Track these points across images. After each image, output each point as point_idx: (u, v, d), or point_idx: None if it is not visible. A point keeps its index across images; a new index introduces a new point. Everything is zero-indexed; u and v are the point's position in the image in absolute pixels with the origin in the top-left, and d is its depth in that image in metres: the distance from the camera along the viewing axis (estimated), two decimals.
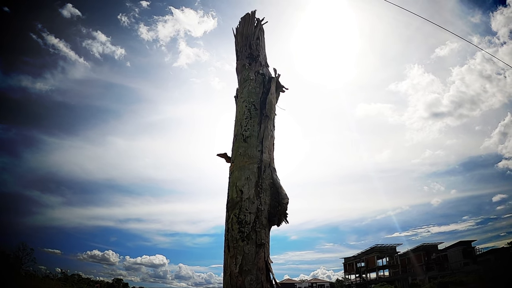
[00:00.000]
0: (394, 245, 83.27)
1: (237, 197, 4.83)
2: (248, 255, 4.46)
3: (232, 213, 4.79)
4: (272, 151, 5.45)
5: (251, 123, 5.43)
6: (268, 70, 6.40)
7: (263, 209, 4.77)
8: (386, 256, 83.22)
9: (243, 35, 6.77)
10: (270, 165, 5.21)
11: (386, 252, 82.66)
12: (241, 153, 5.21)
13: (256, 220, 4.66)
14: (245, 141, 5.28)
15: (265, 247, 4.64)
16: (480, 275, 43.74)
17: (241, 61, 6.46)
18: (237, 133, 5.52)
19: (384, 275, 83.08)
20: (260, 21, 7.00)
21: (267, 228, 4.79)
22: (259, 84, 5.95)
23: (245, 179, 4.93)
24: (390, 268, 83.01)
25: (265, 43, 6.91)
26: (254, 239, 4.56)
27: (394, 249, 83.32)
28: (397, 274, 77.93)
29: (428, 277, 66.41)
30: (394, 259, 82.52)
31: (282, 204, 4.90)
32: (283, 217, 4.96)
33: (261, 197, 4.83)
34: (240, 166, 5.09)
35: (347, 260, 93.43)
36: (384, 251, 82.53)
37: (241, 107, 5.72)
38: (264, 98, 5.76)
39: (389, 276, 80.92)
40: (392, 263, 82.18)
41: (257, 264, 4.46)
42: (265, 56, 6.71)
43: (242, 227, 4.60)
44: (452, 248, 76.86)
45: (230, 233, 4.70)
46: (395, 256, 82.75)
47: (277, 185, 5.05)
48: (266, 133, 5.41)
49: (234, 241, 4.58)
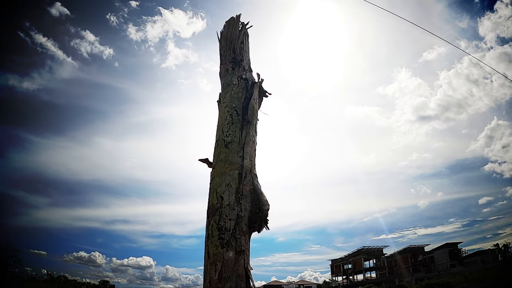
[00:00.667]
0: (381, 247, 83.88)
1: (218, 203, 4.79)
2: (228, 262, 4.43)
3: (212, 220, 4.75)
4: (253, 157, 5.42)
5: (233, 128, 5.39)
6: (252, 75, 6.36)
7: (243, 215, 4.74)
8: (373, 258, 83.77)
9: (227, 39, 6.73)
10: (251, 171, 5.18)
11: (373, 254, 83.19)
12: (222, 159, 5.17)
13: (236, 227, 4.62)
14: (226, 147, 5.24)
15: (245, 254, 4.61)
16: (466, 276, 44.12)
17: (224, 66, 6.42)
18: (218, 138, 5.48)
19: (371, 277, 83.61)
20: (245, 25, 6.97)
21: (247, 234, 4.76)
22: (242, 89, 5.92)
23: (226, 185, 4.89)
24: (377, 270, 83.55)
25: (249, 48, 6.88)
26: (234, 246, 4.52)
27: (381, 251, 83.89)
28: (384, 276, 78.48)
29: (415, 279, 66.95)
30: (381, 261, 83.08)
31: (262, 210, 4.88)
32: (263, 224, 4.93)
33: (241, 203, 4.79)
34: (221, 172, 5.05)
35: (334, 262, 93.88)
36: (371, 253, 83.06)
37: (223, 112, 5.68)
38: (247, 104, 5.72)
39: (376, 278, 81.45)
40: (379, 265, 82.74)
41: (236, 271, 4.43)
42: (249, 60, 6.67)
43: (222, 233, 4.56)
44: (439, 250, 77.65)
45: (210, 239, 4.65)
46: (382, 258, 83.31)
47: (258, 191, 5.02)
48: (247, 139, 5.38)
49: (214, 248, 4.54)
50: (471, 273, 48.99)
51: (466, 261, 72.00)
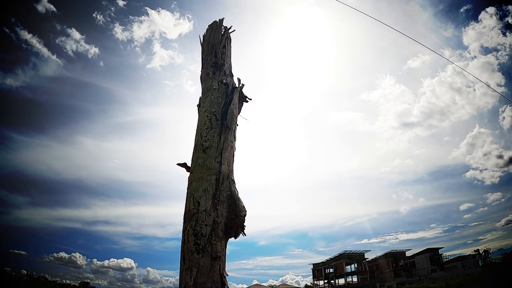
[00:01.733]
0: (362, 252, 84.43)
1: (194, 209, 4.76)
2: (203, 268, 4.40)
3: (188, 225, 4.71)
4: (231, 163, 5.40)
5: (211, 133, 5.37)
6: (232, 79, 6.35)
7: (219, 221, 4.72)
8: (354, 263, 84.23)
9: (209, 43, 6.71)
10: (228, 176, 5.16)
11: (355, 258, 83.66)
12: (199, 163, 5.15)
13: (212, 233, 4.60)
14: (204, 152, 5.21)
15: (220, 260, 4.59)
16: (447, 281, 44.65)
17: (205, 70, 6.39)
18: (197, 143, 5.44)
19: (353, 281, 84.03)
20: (228, 29, 6.97)
21: (223, 240, 4.74)
22: (222, 94, 5.90)
23: (203, 191, 4.86)
24: (358, 274, 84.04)
25: (231, 52, 6.88)
26: (209, 251, 4.50)
27: (362, 255, 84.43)
28: (365, 280, 78.99)
29: (396, 283, 67.52)
30: (362, 265, 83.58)
31: (239, 216, 4.86)
32: (240, 230, 4.93)
33: (218, 209, 4.77)
34: (198, 177, 5.02)
35: (316, 266, 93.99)
36: (352, 257, 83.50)
37: (202, 116, 5.65)
38: (226, 109, 5.71)
39: (357, 282, 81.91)
40: (360, 269, 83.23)
41: (212, 277, 4.41)
42: (230, 65, 6.66)
43: (198, 239, 4.54)
44: (420, 255, 78.54)
45: (186, 245, 4.62)
46: (363, 262, 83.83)
47: (235, 197, 5.00)
48: (226, 144, 5.36)
49: (190, 253, 4.51)
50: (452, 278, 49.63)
51: (447, 266, 72.94)
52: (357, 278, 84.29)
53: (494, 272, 39.66)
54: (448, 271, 67.50)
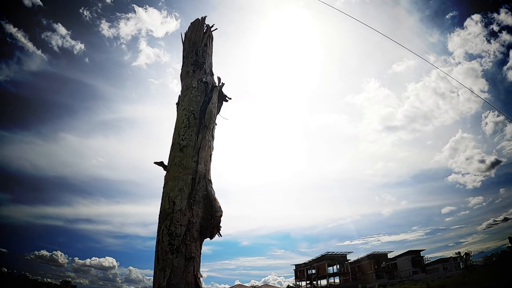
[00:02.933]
0: (344, 253, 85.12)
1: (169, 208, 4.68)
2: (177, 269, 4.33)
3: (163, 225, 4.63)
4: (208, 162, 5.33)
5: (189, 132, 5.29)
6: (213, 78, 6.28)
7: (195, 221, 4.65)
8: (336, 264, 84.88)
9: (190, 41, 6.62)
10: (205, 176, 5.09)
11: (337, 259, 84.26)
12: (176, 163, 5.06)
13: (187, 233, 4.52)
14: (181, 151, 5.13)
15: (195, 261, 4.52)
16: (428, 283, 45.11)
17: (185, 68, 6.31)
18: (174, 141, 5.36)
19: (335, 282, 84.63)
20: (210, 28, 6.90)
21: (198, 241, 4.66)
22: (201, 92, 5.82)
23: (178, 190, 4.78)
24: (340, 275, 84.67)
25: (212, 51, 6.80)
26: (183, 252, 4.42)
27: (344, 257, 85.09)
28: (348, 281, 79.60)
29: (378, 285, 68.08)
30: (344, 266, 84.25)
31: (215, 217, 4.80)
32: (216, 230, 4.87)
33: (193, 209, 4.70)
34: (175, 176, 4.94)
35: (298, 267, 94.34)
36: (334, 259, 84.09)
37: (181, 115, 5.57)
38: (205, 108, 5.64)
39: (339, 283, 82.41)
40: (342, 271, 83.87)
41: (185, 278, 4.33)
42: (211, 64, 6.59)
43: (172, 239, 4.46)
44: (402, 257, 79.57)
45: (160, 245, 4.54)
46: (345, 263, 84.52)
47: (211, 197, 4.94)
48: (203, 143, 5.29)
49: (164, 254, 4.43)
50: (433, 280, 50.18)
51: (428, 268, 73.98)
52: (339, 280, 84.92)
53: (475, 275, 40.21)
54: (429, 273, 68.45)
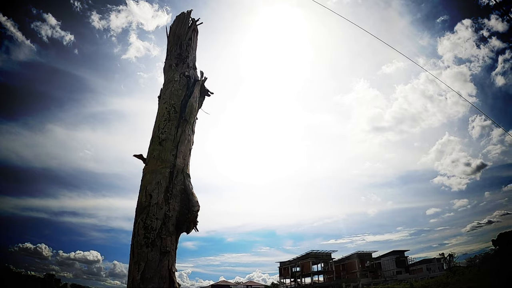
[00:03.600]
0: (329, 252, 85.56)
1: (146, 202, 4.65)
2: (152, 262, 4.30)
3: (139, 218, 4.60)
4: (187, 157, 5.31)
5: (169, 126, 5.26)
6: (195, 72, 6.24)
7: (171, 215, 4.62)
8: (321, 262, 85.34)
9: (175, 34, 6.57)
10: (183, 170, 5.07)
11: (321, 258, 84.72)
12: (155, 156, 5.03)
13: (162, 227, 4.50)
14: (160, 144, 5.10)
15: (170, 255, 4.49)
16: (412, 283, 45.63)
17: (169, 61, 6.26)
18: (154, 134, 5.32)
19: (319, 280, 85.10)
20: (195, 22, 6.86)
21: (173, 235, 4.63)
22: (183, 86, 5.79)
23: (156, 184, 4.75)
24: (324, 273, 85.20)
25: (197, 45, 6.77)
26: (158, 246, 4.39)
27: (329, 255, 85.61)
28: (332, 280, 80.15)
29: (362, 284, 68.57)
30: (329, 265, 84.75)
31: (192, 211, 4.78)
32: (192, 225, 4.85)
33: (170, 203, 4.67)
34: (153, 170, 4.91)
35: (283, 264, 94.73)
36: (319, 257, 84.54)
37: (162, 108, 5.53)
38: (186, 101, 5.61)
39: (323, 281, 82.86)
40: (327, 269, 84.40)
41: (160, 272, 4.30)
42: (195, 58, 6.55)
43: (147, 232, 4.43)
44: (386, 257, 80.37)
45: (135, 238, 4.50)
46: (330, 262, 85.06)
47: (189, 191, 4.92)
48: (183, 137, 5.26)
49: (139, 247, 4.39)
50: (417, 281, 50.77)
51: (412, 269, 74.90)
52: (324, 278, 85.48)
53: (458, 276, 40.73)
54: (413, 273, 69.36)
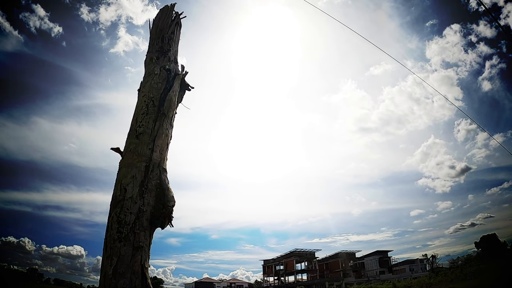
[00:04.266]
0: (313, 251, 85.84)
1: (120, 195, 4.57)
2: (124, 257, 4.23)
3: (113, 212, 4.52)
4: (165, 151, 5.23)
5: (147, 119, 5.18)
6: (176, 66, 6.16)
7: (145, 210, 4.55)
8: (305, 261, 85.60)
9: (157, 27, 6.48)
10: (159, 165, 4.99)
11: (305, 257, 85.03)
12: (131, 149, 4.95)
13: (136, 221, 4.43)
14: (137, 138, 5.02)
15: (143, 250, 4.42)
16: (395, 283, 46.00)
17: (150, 54, 6.17)
18: (131, 128, 5.23)
19: (302, 279, 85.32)
20: (179, 15, 6.78)
21: (147, 230, 4.56)
22: (163, 79, 5.71)
23: (131, 177, 4.68)
24: (308, 272, 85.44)
25: (179, 38, 6.69)
26: (132, 241, 4.33)
27: (313, 254, 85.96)
28: (315, 278, 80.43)
29: (345, 283, 68.96)
30: (312, 264, 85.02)
31: (167, 206, 4.72)
32: (167, 220, 4.79)
33: (144, 197, 4.60)
34: (128, 163, 4.83)
35: (267, 262, 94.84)
36: (303, 256, 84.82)
37: (140, 101, 5.44)
38: (165, 95, 5.53)
39: (307, 280, 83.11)
40: (310, 268, 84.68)
41: (132, 268, 4.24)
42: (177, 51, 6.47)
43: (121, 227, 4.36)
44: (369, 257, 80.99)
45: (109, 232, 4.43)
46: (313, 261, 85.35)
47: (164, 186, 4.85)
48: (160, 131, 5.18)
49: (112, 241, 4.32)
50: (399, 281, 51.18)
51: (395, 269, 75.59)
52: (307, 276, 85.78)
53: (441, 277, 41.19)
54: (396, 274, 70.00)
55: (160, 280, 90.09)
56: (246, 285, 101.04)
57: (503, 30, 46.20)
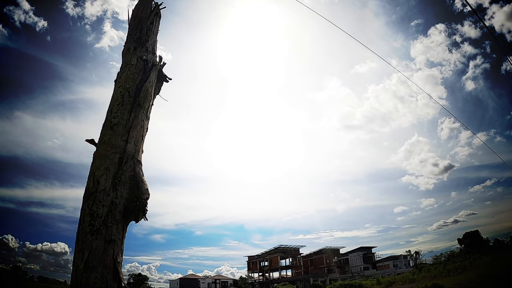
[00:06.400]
0: (297, 247, 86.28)
1: (93, 188, 4.46)
2: (96, 251, 4.14)
3: (86, 204, 4.42)
4: (140, 143, 5.12)
5: (122, 110, 5.05)
6: (154, 57, 6.04)
7: (118, 202, 4.44)
8: (289, 257, 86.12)
9: (136, 17, 6.35)
10: (134, 156, 4.88)
11: (290, 253, 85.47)
12: (105, 140, 4.83)
13: (109, 214, 4.33)
14: (111, 129, 4.89)
15: (115, 243, 4.32)
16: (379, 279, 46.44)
17: (128, 44, 6.03)
18: (106, 119, 5.11)
19: (287, 275, 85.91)
20: (158, 6, 6.67)
21: (120, 223, 4.46)
22: (139, 70, 5.58)
23: (104, 169, 4.57)
24: (292, 268, 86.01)
25: (158, 29, 6.57)
26: (103, 234, 4.23)
27: (297, 250, 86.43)
28: (300, 274, 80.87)
29: (329, 279, 69.48)
30: (297, 260, 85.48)
31: (141, 199, 4.63)
32: (141, 214, 4.70)
33: (118, 190, 4.49)
34: (102, 155, 4.72)
35: (251, 258, 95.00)
36: (287, 252, 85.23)
37: (116, 92, 5.31)
38: (141, 86, 5.41)
39: (291, 276, 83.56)
40: (295, 264, 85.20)
41: (104, 262, 4.15)
42: (155, 42, 6.34)
43: (93, 220, 4.26)
44: (354, 253, 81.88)
45: (81, 225, 4.33)
46: (298, 257, 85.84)
47: (139, 178, 4.75)
48: (135, 122, 5.07)
49: (84, 235, 4.23)
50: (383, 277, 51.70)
51: (379, 265, 76.51)
52: (292, 272, 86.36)
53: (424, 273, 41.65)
54: (380, 270, 70.78)
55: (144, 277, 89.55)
56: (231, 282, 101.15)
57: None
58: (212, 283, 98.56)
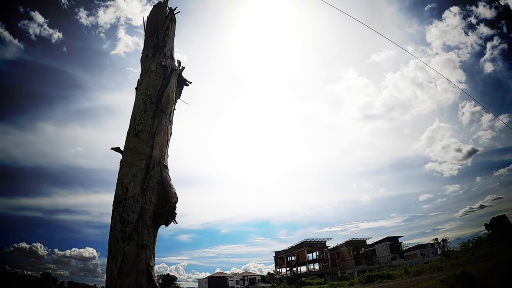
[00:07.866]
0: (323, 240, 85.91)
1: (122, 195, 4.55)
2: (129, 257, 4.22)
3: (116, 211, 4.50)
4: (165, 148, 5.19)
5: (145, 117, 5.13)
6: (173, 62, 6.11)
7: (148, 208, 4.52)
8: (316, 250, 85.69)
9: (152, 24, 6.43)
10: (160, 162, 4.95)
11: (316, 246, 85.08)
12: (131, 148, 4.92)
13: (139, 220, 4.41)
14: (136, 136, 4.98)
15: (147, 248, 4.40)
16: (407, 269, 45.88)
17: (145, 51, 6.11)
18: (130, 126, 5.19)
19: (314, 268, 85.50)
20: (173, 11, 6.72)
21: (151, 228, 4.54)
22: (159, 76, 5.65)
23: (132, 176, 4.65)
24: (320, 262, 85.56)
25: (174, 34, 6.63)
26: (135, 239, 4.31)
27: (324, 243, 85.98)
28: (327, 268, 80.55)
29: (357, 271, 68.98)
30: (324, 253, 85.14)
31: (169, 203, 4.69)
32: (170, 217, 4.75)
33: (146, 195, 4.57)
34: (129, 162, 4.80)
35: (278, 253, 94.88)
36: (314, 246, 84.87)
37: (138, 99, 5.40)
38: (162, 92, 5.48)
39: (319, 269, 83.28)
40: (322, 257, 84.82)
41: (137, 267, 4.23)
42: (172, 47, 6.40)
43: (124, 226, 4.34)
44: (380, 243, 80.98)
45: (112, 232, 4.42)
46: (324, 250, 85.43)
47: (166, 183, 4.82)
48: (159, 128, 5.14)
49: (116, 241, 4.31)
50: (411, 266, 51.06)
51: (406, 254, 75.53)
52: (319, 266, 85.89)
53: (452, 261, 40.97)
54: (407, 259, 69.91)
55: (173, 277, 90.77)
56: (258, 278, 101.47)
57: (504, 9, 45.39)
58: (240, 280, 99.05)
